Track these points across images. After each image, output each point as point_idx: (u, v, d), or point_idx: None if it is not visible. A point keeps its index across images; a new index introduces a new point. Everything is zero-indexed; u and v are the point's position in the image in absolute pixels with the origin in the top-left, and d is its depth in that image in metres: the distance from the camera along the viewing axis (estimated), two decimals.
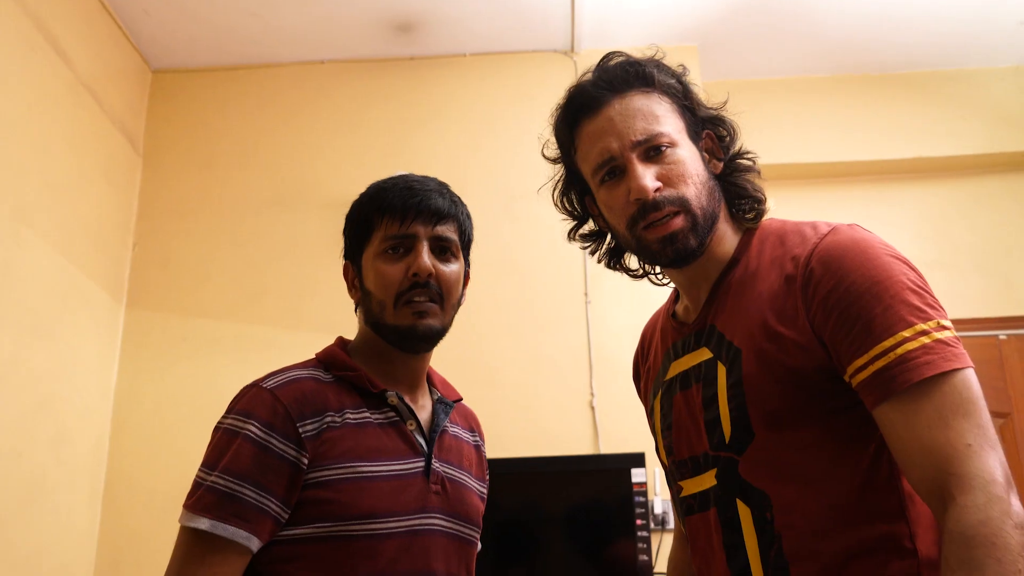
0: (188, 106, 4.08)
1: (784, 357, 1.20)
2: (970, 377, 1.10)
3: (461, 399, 1.60)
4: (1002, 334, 3.94)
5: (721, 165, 1.37)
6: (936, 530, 1.14)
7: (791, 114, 4.21)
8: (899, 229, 4.04)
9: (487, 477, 1.64)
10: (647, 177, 1.28)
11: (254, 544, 1.24)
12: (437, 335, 1.43)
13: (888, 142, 4.17)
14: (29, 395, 2.99)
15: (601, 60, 1.43)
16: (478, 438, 1.64)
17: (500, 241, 3.78)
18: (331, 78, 4.11)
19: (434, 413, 1.48)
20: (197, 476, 1.30)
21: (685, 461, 1.35)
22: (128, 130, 3.83)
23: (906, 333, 1.11)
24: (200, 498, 1.26)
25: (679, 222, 1.29)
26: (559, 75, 4.06)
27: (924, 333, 1.11)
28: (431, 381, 1.55)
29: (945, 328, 1.13)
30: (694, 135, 1.36)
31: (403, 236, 1.41)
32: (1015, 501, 1.02)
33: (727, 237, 1.37)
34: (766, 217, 1.39)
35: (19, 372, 2.94)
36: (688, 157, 1.32)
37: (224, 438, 1.30)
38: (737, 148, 1.40)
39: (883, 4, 3.79)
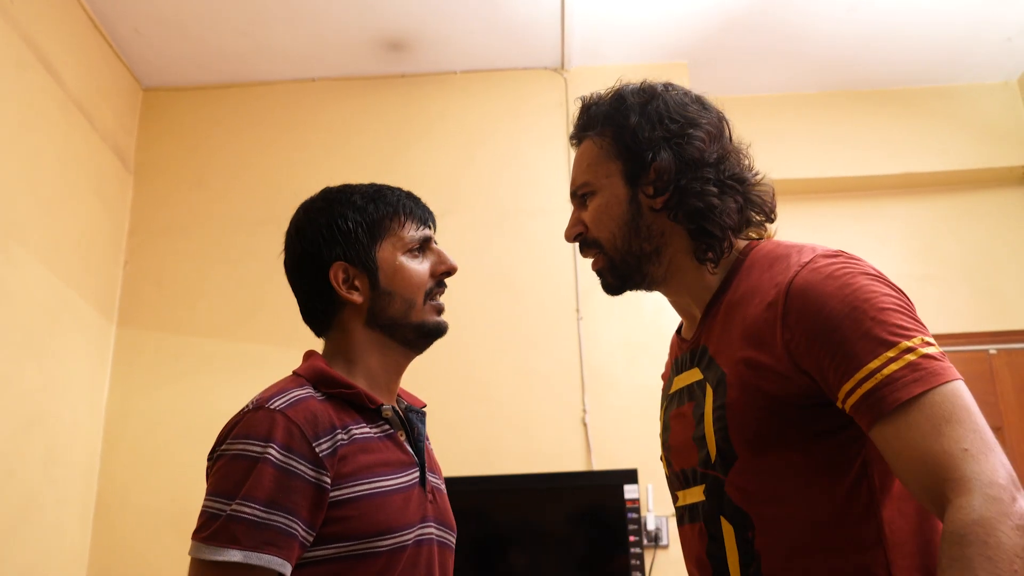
0: (179, 124, 4.08)
1: (762, 383, 1.21)
2: (959, 387, 1.10)
3: (426, 405, 1.58)
4: (992, 348, 3.95)
5: (661, 200, 1.35)
6: (916, 561, 1.15)
7: (780, 130, 4.23)
8: (888, 244, 4.06)
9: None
10: (569, 223, 1.45)
11: (287, 571, 1.20)
12: None
13: (876, 158, 4.19)
14: (20, 413, 2.98)
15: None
16: (428, 442, 1.64)
17: (491, 258, 3.79)
18: (322, 96, 4.11)
19: (410, 422, 1.46)
20: (211, 507, 1.22)
21: (679, 473, 1.39)
22: (119, 148, 3.83)
23: (890, 353, 1.11)
24: (223, 529, 1.19)
25: (599, 263, 1.43)
26: (549, 92, 4.08)
27: (909, 350, 1.11)
28: None
29: (929, 344, 1.13)
30: (631, 174, 1.38)
31: (425, 238, 1.48)
32: (1021, 501, 1.01)
33: (701, 266, 1.37)
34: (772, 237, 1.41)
35: (9, 390, 2.92)
36: (607, 202, 1.40)
37: (240, 464, 1.23)
38: (682, 183, 1.34)
39: (871, 21, 3.82)
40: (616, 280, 1.42)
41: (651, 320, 3.66)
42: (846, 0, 3.69)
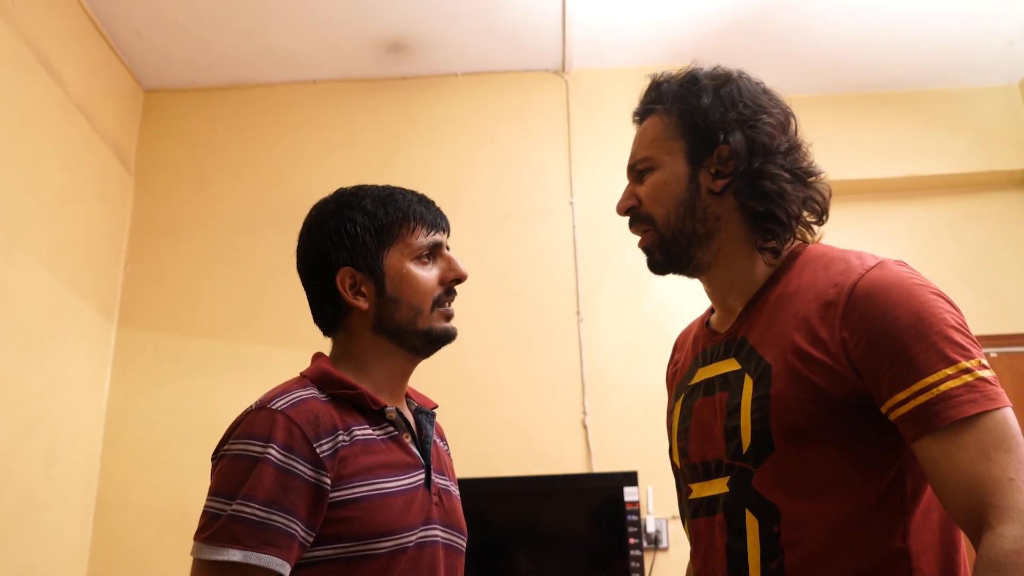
0: (180, 125, 4.09)
1: (814, 376, 1.21)
2: (1010, 415, 1.12)
3: (437, 406, 1.58)
4: (993, 352, 3.95)
5: (720, 183, 1.36)
6: (936, 571, 1.17)
7: None
8: (889, 247, 4.03)
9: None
10: (623, 196, 1.44)
11: (286, 571, 1.21)
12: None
13: (878, 161, 4.18)
14: (20, 414, 2.98)
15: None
16: (445, 444, 1.63)
17: (492, 259, 3.79)
18: (324, 98, 4.12)
19: (419, 424, 1.47)
20: (211, 507, 1.23)
21: (697, 465, 1.37)
22: (120, 149, 3.84)
23: (949, 371, 1.13)
24: (223, 528, 1.20)
25: (648, 238, 1.42)
26: (550, 95, 4.08)
27: (967, 371, 1.13)
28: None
29: (986, 367, 1.15)
30: (695, 154, 1.38)
31: (436, 244, 1.46)
32: None
33: (753, 257, 1.37)
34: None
35: (10, 391, 2.93)
36: (666, 179, 1.39)
37: (241, 464, 1.24)
38: (755, 166, 1.35)
39: (873, 24, 3.82)
40: (664, 258, 1.40)
41: (652, 322, 3.66)
42: (847, 3, 3.70)
